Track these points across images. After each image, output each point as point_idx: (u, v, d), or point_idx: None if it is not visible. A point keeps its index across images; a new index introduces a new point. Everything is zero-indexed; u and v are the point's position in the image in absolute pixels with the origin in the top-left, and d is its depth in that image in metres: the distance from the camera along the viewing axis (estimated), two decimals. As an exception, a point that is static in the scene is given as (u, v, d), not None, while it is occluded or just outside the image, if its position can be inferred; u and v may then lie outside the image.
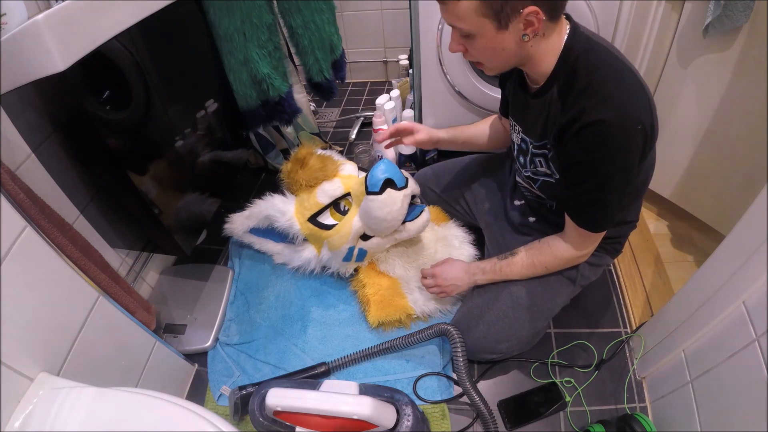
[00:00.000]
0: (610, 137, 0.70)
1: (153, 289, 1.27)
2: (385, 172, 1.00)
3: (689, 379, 0.79)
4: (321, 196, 1.11)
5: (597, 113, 0.69)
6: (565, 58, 0.74)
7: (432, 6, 1.25)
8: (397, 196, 1.01)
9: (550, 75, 0.77)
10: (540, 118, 0.82)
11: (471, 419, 0.96)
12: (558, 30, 0.74)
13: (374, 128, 1.51)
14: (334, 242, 1.10)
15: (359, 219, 1.07)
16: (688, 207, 1.31)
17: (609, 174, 0.75)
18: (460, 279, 1.02)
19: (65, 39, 0.73)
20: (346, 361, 1.05)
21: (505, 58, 0.76)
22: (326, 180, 1.13)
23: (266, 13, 1.16)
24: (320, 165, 1.14)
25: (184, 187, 1.13)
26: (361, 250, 1.12)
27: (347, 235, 1.08)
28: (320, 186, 1.12)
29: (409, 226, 1.07)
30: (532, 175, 0.93)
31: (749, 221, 0.66)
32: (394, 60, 2.15)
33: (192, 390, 1.08)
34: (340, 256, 1.13)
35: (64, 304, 0.75)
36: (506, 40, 0.71)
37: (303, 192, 1.14)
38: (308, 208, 1.12)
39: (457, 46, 0.76)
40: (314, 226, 1.11)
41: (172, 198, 1.08)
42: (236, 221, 1.23)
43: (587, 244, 0.88)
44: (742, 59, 1.02)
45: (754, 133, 1.03)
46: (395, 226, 1.07)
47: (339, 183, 1.12)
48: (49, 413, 0.61)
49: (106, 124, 0.88)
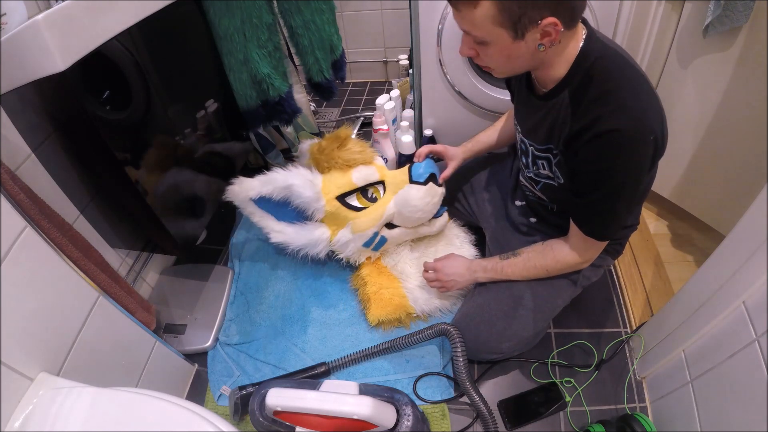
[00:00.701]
0: (624, 147, 0.70)
1: (153, 289, 1.27)
2: (431, 168, 1.09)
3: (689, 379, 0.79)
4: (356, 178, 1.12)
5: (613, 122, 0.68)
6: (580, 64, 0.73)
7: (432, 6, 1.25)
8: (437, 190, 1.09)
9: (563, 79, 0.75)
10: (546, 121, 0.81)
11: (471, 419, 0.96)
12: (574, 36, 0.72)
13: (374, 128, 1.51)
14: (360, 224, 1.09)
15: (394, 205, 1.09)
16: (688, 207, 1.31)
17: (619, 183, 0.74)
18: (461, 275, 1.01)
19: (65, 39, 0.73)
20: (346, 361, 1.05)
21: (518, 65, 0.75)
22: (364, 163, 1.15)
23: (266, 13, 1.16)
24: (360, 148, 1.16)
25: (184, 187, 1.13)
26: (383, 238, 1.14)
27: (378, 218, 1.09)
28: (357, 168, 1.14)
29: (435, 222, 1.15)
30: (534, 177, 0.93)
31: (749, 221, 0.66)
32: (394, 60, 2.15)
33: (192, 390, 1.08)
34: (362, 240, 1.11)
35: (64, 304, 0.75)
36: (521, 49, 0.69)
37: (335, 170, 1.14)
38: (340, 186, 1.11)
39: (468, 50, 0.75)
40: (342, 205, 1.11)
41: (172, 198, 1.08)
42: (245, 184, 1.10)
43: (591, 251, 0.88)
44: (742, 59, 1.02)
45: (754, 133, 1.03)
46: (425, 219, 1.12)
47: (375, 170, 1.15)
48: (49, 413, 0.61)
49: (106, 124, 0.88)
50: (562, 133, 0.77)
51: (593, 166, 0.74)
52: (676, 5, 1.12)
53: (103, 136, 0.85)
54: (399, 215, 1.10)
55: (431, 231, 1.17)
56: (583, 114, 0.72)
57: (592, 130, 0.70)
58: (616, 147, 0.70)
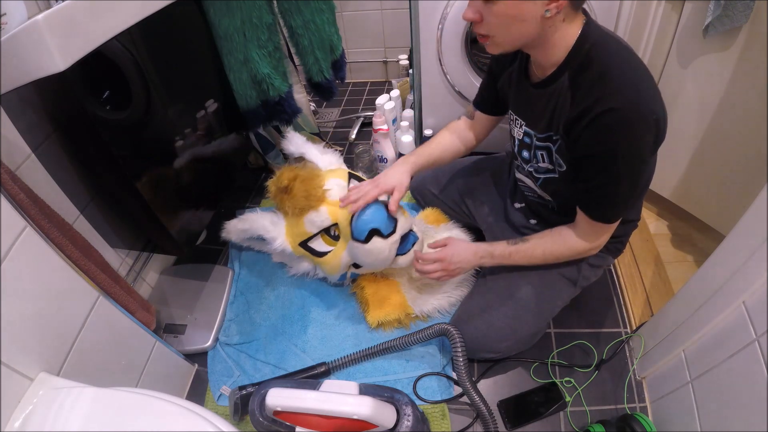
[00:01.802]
0: (624, 126, 0.70)
1: (153, 289, 1.27)
2: (370, 222, 0.96)
3: (689, 379, 0.79)
4: (309, 226, 1.07)
5: (612, 102, 0.69)
6: (580, 46, 0.73)
7: (432, 6, 1.25)
8: (383, 245, 0.98)
9: (562, 63, 0.76)
10: (547, 108, 0.81)
11: (471, 419, 0.96)
12: (577, 21, 0.73)
13: (374, 128, 1.51)
14: (326, 268, 1.11)
15: (347, 255, 1.06)
16: (688, 207, 1.31)
17: (623, 164, 0.74)
18: (467, 261, 0.98)
19: (65, 39, 0.73)
20: (346, 361, 1.05)
21: (521, 32, 0.72)
22: (312, 209, 1.06)
23: (266, 13, 1.16)
24: (304, 193, 1.05)
25: (184, 187, 1.13)
26: (354, 274, 1.15)
27: (337, 266, 1.08)
28: (307, 216, 1.06)
29: (399, 260, 1.04)
30: (534, 172, 0.92)
31: (749, 221, 0.66)
32: (394, 60, 2.15)
33: (192, 390, 1.08)
34: (334, 279, 1.16)
35: (64, 304, 0.75)
36: (528, 9, 0.68)
37: (291, 217, 1.09)
38: (298, 234, 1.09)
39: (473, 14, 0.72)
40: (305, 251, 1.10)
41: (172, 198, 1.08)
42: (231, 231, 1.21)
43: (600, 236, 0.87)
44: (742, 59, 1.02)
45: (754, 133, 1.03)
46: (385, 266, 1.06)
47: (326, 213, 1.05)
48: (49, 413, 0.61)
49: (106, 124, 0.88)
50: (562, 117, 0.77)
51: (595, 148, 0.74)
52: (676, 5, 1.12)
53: (103, 136, 0.85)
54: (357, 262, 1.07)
55: (404, 265, 1.07)
56: (584, 97, 0.73)
57: (592, 112, 0.71)
58: (617, 127, 0.70)
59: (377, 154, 1.54)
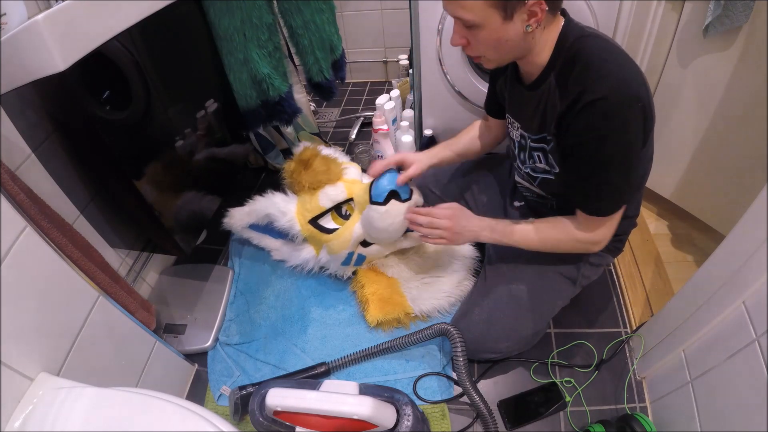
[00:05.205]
0: (610, 113, 0.71)
1: (153, 289, 1.27)
2: (390, 183, 0.99)
3: (689, 379, 0.79)
4: (323, 200, 1.11)
5: (596, 91, 0.70)
6: (561, 46, 0.76)
7: (432, 6, 1.25)
8: (400, 208, 1.00)
9: (547, 65, 0.78)
10: (538, 110, 0.82)
11: (471, 419, 0.96)
12: (555, 23, 0.76)
13: (374, 128, 1.51)
14: (333, 246, 1.10)
15: (360, 226, 1.07)
16: (688, 207, 1.31)
17: (612, 152, 0.74)
18: (471, 229, 0.95)
19: (65, 39, 0.73)
20: (346, 361, 1.05)
21: (508, 50, 0.76)
22: (330, 183, 1.11)
23: (266, 13, 1.16)
24: (324, 168, 1.12)
25: (184, 186, 1.13)
26: (360, 256, 1.13)
27: (347, 241, 1.08)
28: (323, 189, 1.11)
29: (411, 236, 1.08)
30: (531, 172, 0.93)
31: (749, 221, 0.66)
32: (394, 60, 2.15)
33: (192, 390, 1.08)
34: (339, 260, 1.14)
35: (64, 304, 0.75)
36: (510, 31, 0.71)
37: (305, 193, 1.13)
38: (310, 210, 1.11)
39: (459, 39, 0.76)
40: (315, 228, 1.10)
41: (172, 198, 1.08)
42: (235, 216, 1.23)
43: (601, 231, 0.85)
44: (742, 59, 1.02)
45: (754, 133, 1.03)
46: (396, 237, 1.07)
47: (342, 188, 1.11)
48: (49, 413, 0.61)
49: (106, 124, 0.88)
50: (553, 116, 0.79)
51: (583, 138, 0.75)
52: (676, 5, 1.12)
53: (103, 136, 0.85)
54: (368, 235, 1.08)
55: (410, 244, 1.13)
56: (569, 91, 0.74)
57: (579, 103, 0.72)
58: (602, 115, 0.71)
59: (377, 154, 1.54)
